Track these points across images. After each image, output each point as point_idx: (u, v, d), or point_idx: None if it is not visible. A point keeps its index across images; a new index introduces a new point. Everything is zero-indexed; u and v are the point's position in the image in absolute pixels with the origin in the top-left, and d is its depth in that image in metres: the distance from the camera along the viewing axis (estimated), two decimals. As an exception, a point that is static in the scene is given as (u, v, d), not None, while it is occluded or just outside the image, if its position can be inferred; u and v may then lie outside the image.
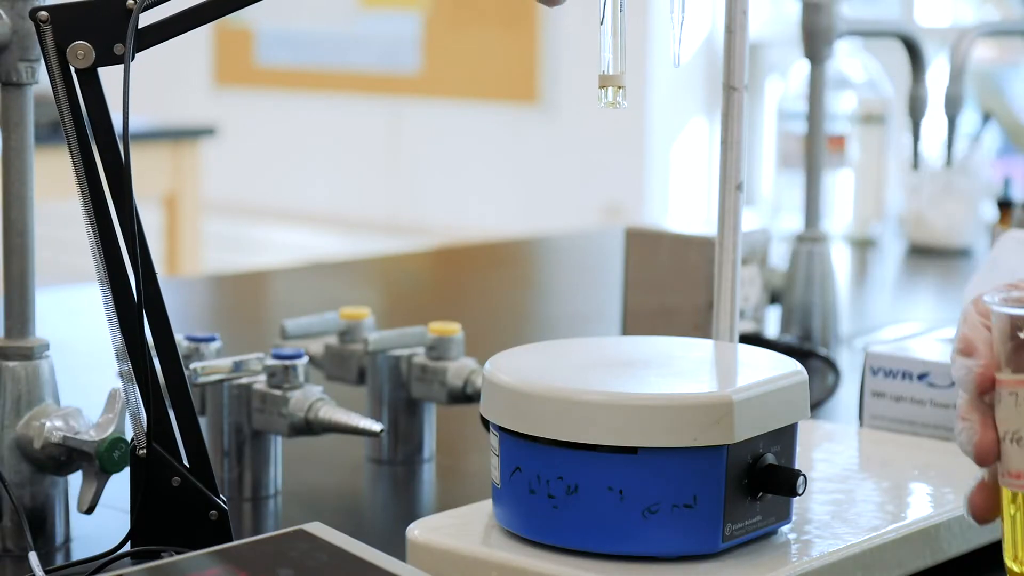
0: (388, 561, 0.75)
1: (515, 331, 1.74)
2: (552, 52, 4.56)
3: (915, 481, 0.98)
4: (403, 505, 1.08)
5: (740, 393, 0.81)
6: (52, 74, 0.85)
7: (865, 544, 0.85)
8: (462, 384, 1.11)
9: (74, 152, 0.86)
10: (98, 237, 0.86)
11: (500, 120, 4.68)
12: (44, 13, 0.85)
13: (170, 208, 3.93)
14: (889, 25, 2.03)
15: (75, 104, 0.85)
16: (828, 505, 0.91)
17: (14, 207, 0.92)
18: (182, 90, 5.22)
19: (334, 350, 1.17)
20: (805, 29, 1.56)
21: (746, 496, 0.82)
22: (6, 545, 0.92)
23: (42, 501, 0.93)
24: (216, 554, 0.75)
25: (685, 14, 0.88)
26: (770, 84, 4.20)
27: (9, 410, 0.92)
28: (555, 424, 0.81)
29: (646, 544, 0.81)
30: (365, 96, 4.92)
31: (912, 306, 1.94)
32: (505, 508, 0.85)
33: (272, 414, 1.03)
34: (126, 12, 0.85)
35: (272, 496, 1.05)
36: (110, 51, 0.85)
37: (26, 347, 0.92)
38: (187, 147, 3.95)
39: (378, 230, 4.80)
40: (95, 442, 0.91)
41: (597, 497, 0.81)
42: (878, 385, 1.09)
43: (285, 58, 5.07)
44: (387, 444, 1.13)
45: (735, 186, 0.96)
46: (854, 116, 2.35)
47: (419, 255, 2.44)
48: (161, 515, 0.87)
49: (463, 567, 0.84)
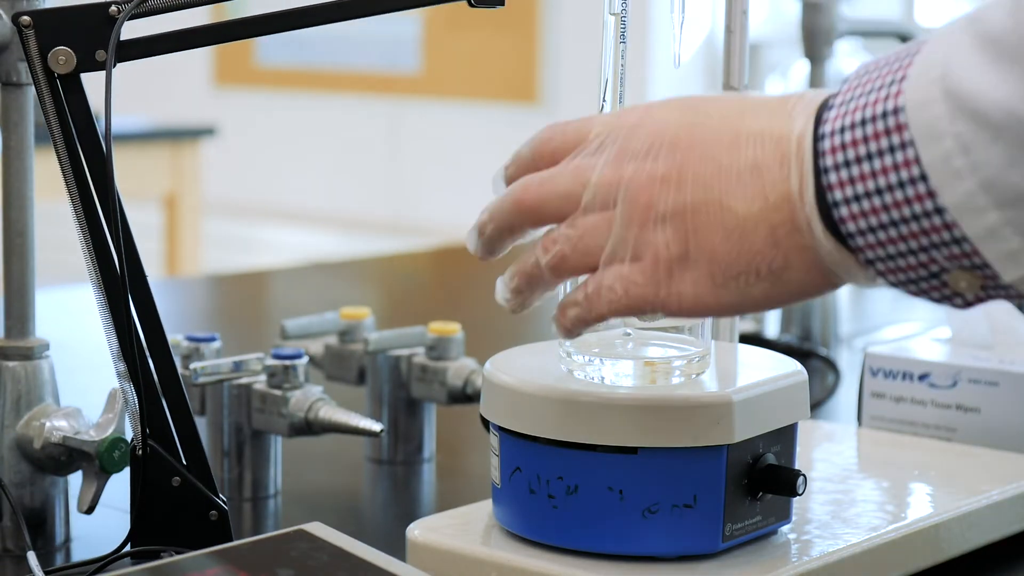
0: (388, 561, 0.75)
1: (515, 331, 1.73)
2: (552, 52, 4.56)
3: (915, 481, 0.98)
4: (403, 505, 1.08)
5: (740, 393, 0.81)
6: (36, 79, 0.85)
7: (865, 544, 0.85)
8: (462, 384, 1.11)
9: (62, 156, 0.86)
10: (89, 240, 0.86)
11: (500, 120, 4.68)
12: (27, 18, 0.85)
13: (170, 208, 3.93)
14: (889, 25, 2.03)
15: (61, 108, 0.85)
16: (828, 505, 0.91)
17: (14, 207, 0.91)
18: (182, 90, 5.22)
19: (334, 350, 1.17)
20: (805, 29, 1.56)
21: (746, 496, 0.82)
22: (6, 545, 0.92)
23: (42, 501, 0.93)
24: (216, 554, 0.75)
25: (685, 14, 0.88)
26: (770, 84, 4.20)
27: (9, 410, 0.92)
28: (555, 424, 0.81)
29: (646, 544, 0.81)
30: (365, 96, 4.92)
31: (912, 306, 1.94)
32: (505, 508, 0.85)
33: (272, 414, 1.03)
34: (109, 19, 0.85)
35: (272, 496, 1.05)
36: (92, 57, 0.85)
37: (26, 347, 0.92)
38: (187, 147, 3.95)
39: (378, 230, 4.80)
40: (95, 442, 0.91)
41: (597, 497, 0.81)
42: (878, 386, 1.09)
43: (285, 58, 5.07)
44: (387, 444, 1.13)
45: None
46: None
47: (419, 255, 2.44)
48: (161, 515, 0.87)
49: (463, 567, 0.84)
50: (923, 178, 0.64)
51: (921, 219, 0.64)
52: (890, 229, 0.65)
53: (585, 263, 0.74)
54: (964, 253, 0.64)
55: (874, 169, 0.65)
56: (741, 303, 0.71)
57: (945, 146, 0.63)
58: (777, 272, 0.69)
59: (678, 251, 0.71)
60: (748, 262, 0.70)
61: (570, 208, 0.74)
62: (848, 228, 0.67)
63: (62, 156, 0.86)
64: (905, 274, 0.67)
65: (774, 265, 0.69)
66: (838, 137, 0.66)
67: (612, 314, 0.73)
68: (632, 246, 0.72)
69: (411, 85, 4.83)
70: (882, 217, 0.65)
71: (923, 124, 0.64)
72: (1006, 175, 0.62)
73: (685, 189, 0.70)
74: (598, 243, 0.73)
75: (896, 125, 0.64)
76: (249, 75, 5.16)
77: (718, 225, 0.70)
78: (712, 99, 0.73)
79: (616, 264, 0.72)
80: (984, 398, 1.05)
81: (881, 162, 0.65)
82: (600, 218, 0.73)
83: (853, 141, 0.66)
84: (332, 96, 4.99)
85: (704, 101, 0.73)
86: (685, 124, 0.72)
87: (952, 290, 0.67)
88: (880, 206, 0.65)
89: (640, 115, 0.74)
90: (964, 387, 1.06)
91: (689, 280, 0.71)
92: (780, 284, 0.70)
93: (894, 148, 0.64)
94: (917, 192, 0.64)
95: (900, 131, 0.64)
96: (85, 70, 0.85)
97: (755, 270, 0.70)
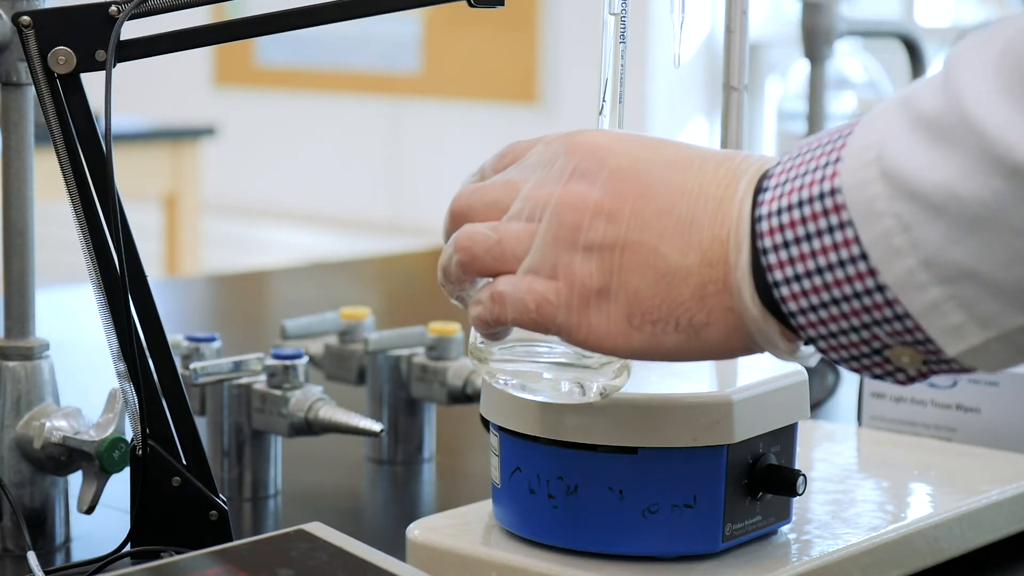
0: (388, 561, 0.75)
1: (515, 331, 1.73)
2: (552, 52, 4.56)
3: (915, 481, 0.98)
4: (403, 505, 1.08)
5: (740, 393, 0.81)
6: (36, 79, 0.85)
7: (865, 544, 0.85)
8: (462, 384, 1.11)
9: (61, 156, 0.86)
10: (89, 240, 0.86)
11: (500, 120, 4.68)
12: (27, 18, 0.85)
13: (170, 208, 3.93)
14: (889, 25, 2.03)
15: (61, 108, 0.85)
16: (828, 505, 0.91)
17: (14, 207, 0.91)
18: (182, 90, 5.22)
19: (334, 350, 1.17)
20: (805, 29, 1.56)
21: (746, 496, 0.82)
22: (6, 545, 0.92)
23: (42, 501, 0.93)
24: (216, 554, 0.75)
25: (685, 14, 0.88)
26: (770, 84, 4.20)
27: (9, 410, 0.92)
28: (555, 424, 0.81)
29: (646, 544, 0.81)
30: (365, 96, 4.92)
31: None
32: (505, 508, 0.85)
33: (272, 414, 1.03)
34: (109, 19, 0.85)
35: (272, 496, 1.05)
36: (92, 57, 0.85)
37: (26, 347, 0.92)
38: (187, 147, 3.95)
39: (378, 230, 4.80)
40: (95, 442, 0.91)
41: (597, 497, 0.81)
42: (878, 386, 1.09)
43: (285, 58, 5.07)
44: (387, 444, 1.13)
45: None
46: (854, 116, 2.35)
47: (419, 255, 2.44)
48: (161, 515, 0.87)
49: (463, 567, 0.84)
50: (863, 256, 0.64)
51: (862, 296, 0.65)
52: (831, 307, 0.66)
53: (496, 268, 0.73)
54: (906, 329, 0.65)
55: (813, 249, 0.66)
56: (651, 350, 0.71)
57: (884, 225, 0.64)
58: (697, 327, 0.70)
59: (599, 283, 0.70)
60: (670, 311, 0.69)
61: (495, 216, 0.74)
62: (789, 307, 0.67)
63: (62, 156, 0.86)
64: (847, 351, 0.67)
65: (695, 319, 0.69)
66: (775, 219, 0.67)
67: (515, 324, 0.73)
68: (551, 265, 0.71)
69: (411, 85, 4.83)
70: (823, 296, 0.66)
71: (861, 204, 0.64)
72: (947, 252, 0.63)
73: (620, 223, 0.70)
74: (515, 252, 0.72)
75: (834, 206, 0.65)
76: (249, 75, 5.16)
77: (648, 268, 0.69)
78: (665, 142, 0.73)
79: (531, 276, 0.72)
80: (984, 398, 1.05)
81: (820, 242, 0.65)
82: (522, 228, 0.72)
83: (791, 222, 0.66)
84: (332, 96, 4.99)
85: (657, 142, 0.73)
86: (631, 157, 0.72)
87: (894, 366, 0.67)
88: (821, 285, 0.66)
89: (589, 138, 0.73)
90: (964, 387, 1.06)
91: (603, 314, 0.70)
92: (696, 339, 0.70)
93: (832, 228, 0.65)
94: (858, 270, 0.65)
95: (838, 211, 0.65)
96: (85, 70, 0.85)
97: (675, 320, 0.70)
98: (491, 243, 0.73)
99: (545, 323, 0.72)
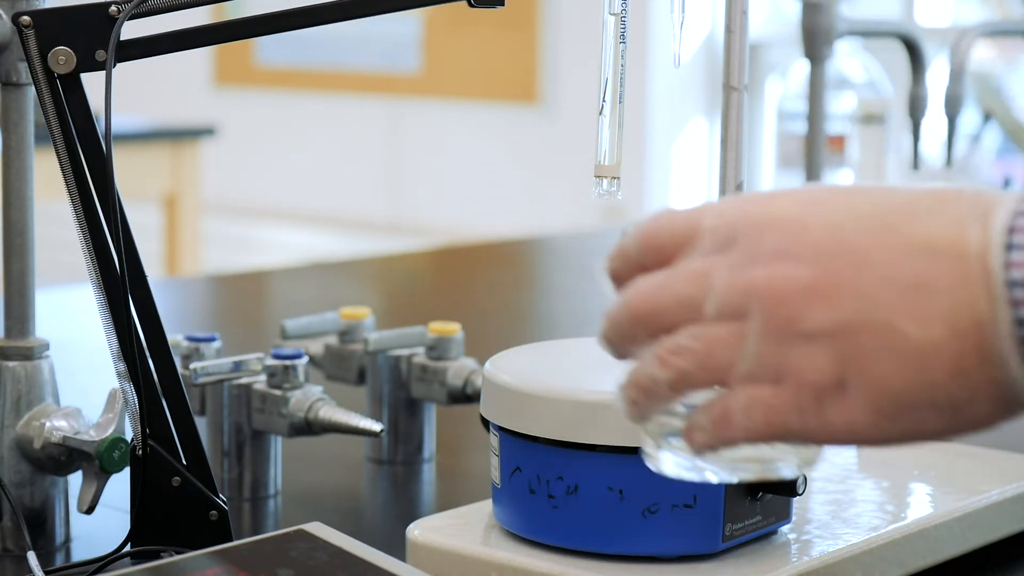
0: (388, 561, 0.75)
1: (515, 331, 1.74)
2: (552, 52, 4.57)
3: (915, 481, 0.98)
4: (403, 505, 1.08)
5: (740, 393, 0.81)
6: (36, 79, 0.85)
7: (865, 544, 0.85)
8: (462, 384, 1.11)
9: (61, 156, 0.86)
10: (89, 240, 0.86)
11: (500, 120, 4.68)
12: (27, 18, 0.85)
13: (170, 208, 3.93)
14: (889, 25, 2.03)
15: (61, 108, 0.85)
16: (828, 505, 0.91)
17: (14, 207, 0.92)
18: (182, 90, 5.23)
19: (334, 350, 1.17)
20: (805, 29, 1.56)
21: (746, 496, 0.82)
22: (6, 545, 0.92)
23: (42, 501, 0.93)
24: (216, 554, 0.75)
25: (685, 14, 0.88)
26: (770, 84, 4.20)
27: (9, 410, 0.92)
28: (555, 424, 0.81)
29: (646, 544, 0.81)
30: (365, 96, 4.93)
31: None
32: (505, 508, 0.85)
33: (272, 414, 1.03)
34: (109, 19, 0.85)
35: (272, 496, 1.05)
36: (92, 57, 0.85)
37: (26, 347, 0.92)
38: (187, 147, 3.95)
39: (378, 230, 4.80)
40: (95, 442, 0.91)
41: (597, 497, 0.81)
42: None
43: (285, 58, 5.07)
44: (387, 444, 1.13)
45: (735, 186, 0.96)
46: (854, 116, 2.36)
47: (419, 255, 2.44)
48: (161, 515, 0.87)
49: (463, 567, 0.84)
50: None
51: None
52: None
53: (711, 380, 0.63)
54: None
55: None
56: (909, 438, 0.62)
57: None
58: (959, 406, 0.60)
59: (831, 376, 0.61)
60: (925, 394, 0.60)
61: (690, 317, 0.63)
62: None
63: (62, 156, 0.86)
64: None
65: (957, 399, 0.60)
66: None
67: (747, 441, 0.63)
68: (771, 368, 0.61)
69: (411, 85, 4.83)
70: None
71: None
72: None
73: (840, 303, 0.60)
74: (727, 359, 0.62)
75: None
76: (249, 75, 5.16)
77: (887, 350, 0.60)
78: (848, 192, 0.63)
79: (751, 385, 0.62)
80: (984, 398, 1.04)
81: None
82: (728, 331, 0.62)
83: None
84: (332, 96, 4.99)
85: (838, 195, 0.63)
86: (827, 223, 0.62)
87: None
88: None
89: (762, 206, 0.64)
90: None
91: (844, 409, 0.61)
92: (959, 418, 0.61)
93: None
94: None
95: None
96: (85, 70, 0.85)
97: (931, 403, 0.60)
98: (702, 356, 0.63)
99: (778, 434, 0.63)
